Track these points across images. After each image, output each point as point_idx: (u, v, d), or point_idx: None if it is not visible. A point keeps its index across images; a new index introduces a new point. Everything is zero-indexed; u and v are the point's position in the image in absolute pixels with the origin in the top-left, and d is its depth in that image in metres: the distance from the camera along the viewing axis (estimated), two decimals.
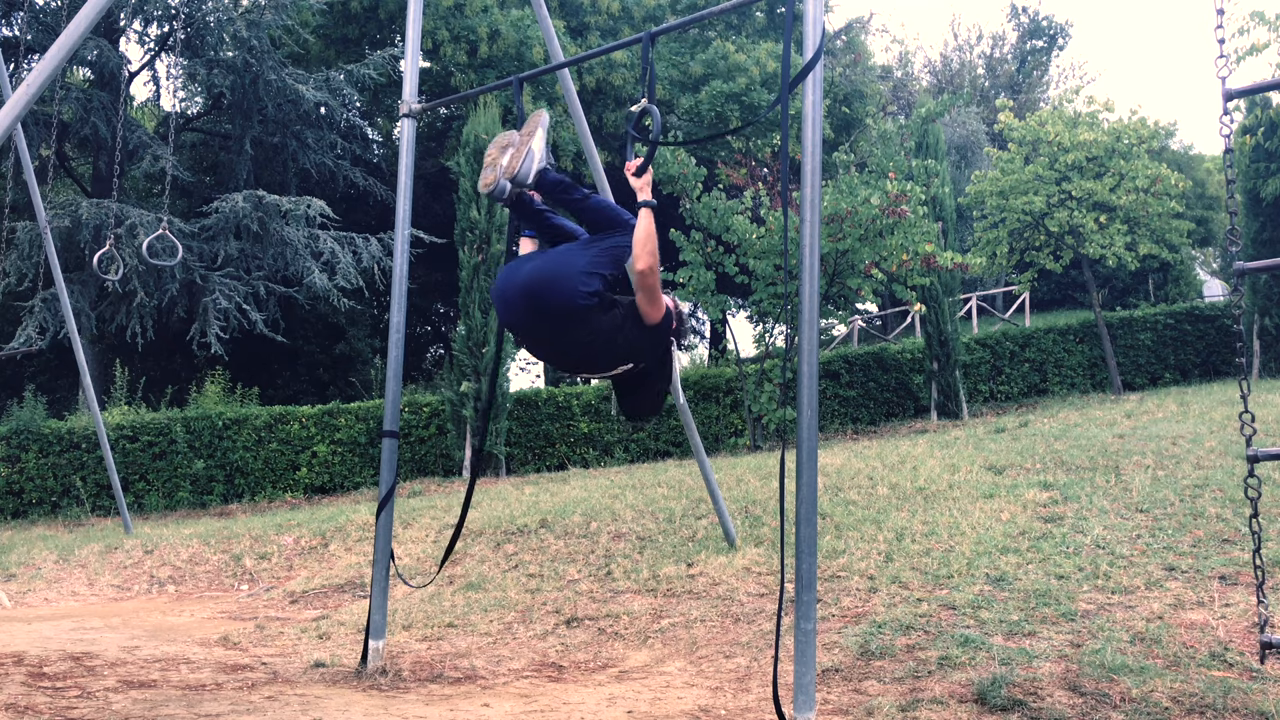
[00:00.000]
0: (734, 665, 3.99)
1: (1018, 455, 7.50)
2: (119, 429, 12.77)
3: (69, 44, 3.19)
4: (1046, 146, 14.52)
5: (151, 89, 30.89)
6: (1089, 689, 3.28)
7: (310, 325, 19.22)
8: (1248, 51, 13.13)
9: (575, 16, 19.45)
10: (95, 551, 8.13)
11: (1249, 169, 14.67)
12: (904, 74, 36.39)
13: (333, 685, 3.86)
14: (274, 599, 6.56)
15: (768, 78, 18.54)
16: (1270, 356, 14.31)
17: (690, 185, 12.08)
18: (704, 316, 25.16)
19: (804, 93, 3.01)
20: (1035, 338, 15.62)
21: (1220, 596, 4.07)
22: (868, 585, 4.70)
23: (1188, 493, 5.70)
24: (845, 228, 11.39)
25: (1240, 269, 2.82)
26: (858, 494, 6.84)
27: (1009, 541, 5.08)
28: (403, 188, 4.45)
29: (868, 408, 14.56)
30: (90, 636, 5.15)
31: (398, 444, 4.33)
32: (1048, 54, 40.02)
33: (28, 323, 14.53)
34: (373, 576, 4.19)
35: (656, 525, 6.73)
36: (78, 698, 3.53)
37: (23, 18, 15.07)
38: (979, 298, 25.13)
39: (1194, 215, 25.07)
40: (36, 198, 9.21)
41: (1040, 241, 15.20)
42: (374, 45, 20.00)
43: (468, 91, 5.97)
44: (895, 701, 3.26)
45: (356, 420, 13.61)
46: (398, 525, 7.73)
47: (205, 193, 18.00)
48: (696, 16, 3.84)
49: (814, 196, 2.96)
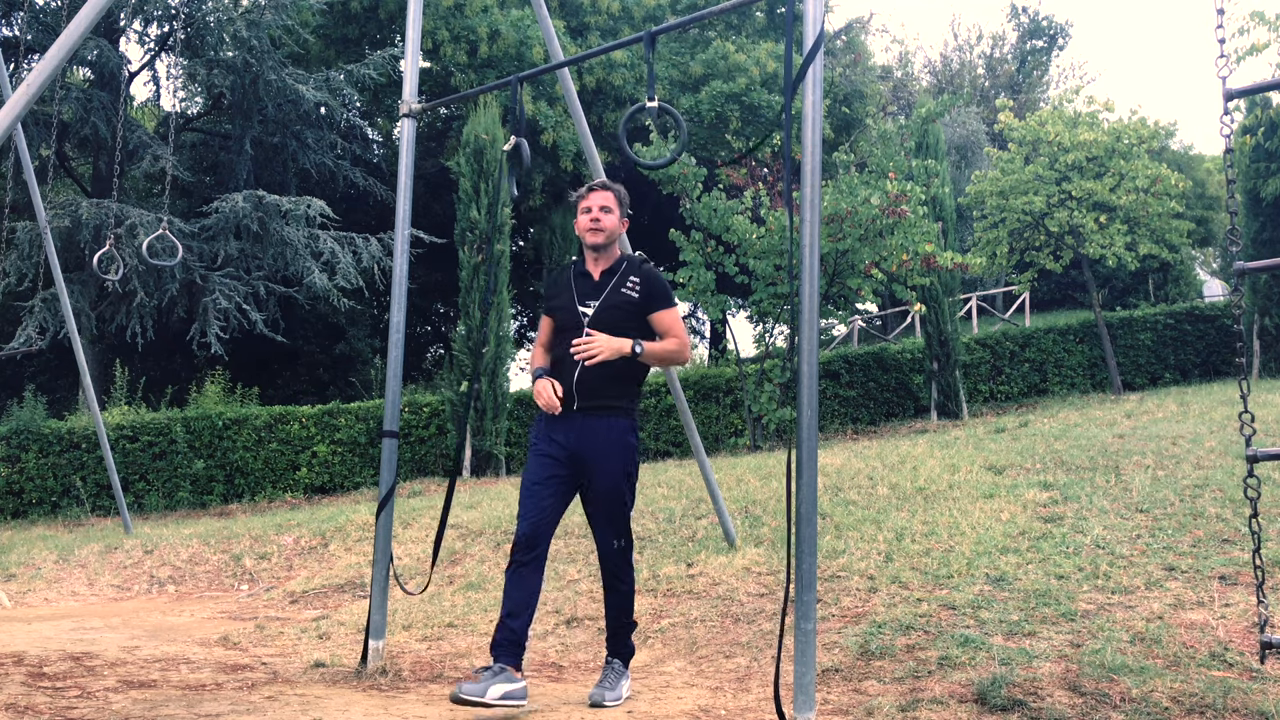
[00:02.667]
0: (734, 665, 4.00)
1: (1018, 455, 7.50)
2: (119, 429, 12.77)
3: (69, 44, 3.19)
4: (1046, 146, 14.53)
5: (151, 89, 30.95)
6: (1089, 689, 3.28)
7: (310, 325, 19.23)
8: (1248, 51, 13.14)
9: (575, 16, 19.44)
10: (95, 551, 8.13)
11: (1249, 169, 14.67)
12: (904, 74, 36.39)
13: (333, 685, 3.86)
14: (274, 599, 6.56)
15: (768, 78, 18.54)
16: (1270, 356, 14.31)
17: (690, 185, 12.08)
18: (704, 316, 25.16)
19: (804, 92, 3.01)
20: (1035, 338, 15.62)
21: (1220, 596, 4.07)
22: (868, 585, 4.70)
23: (1188, 493, 5.70)
24: (845, 228, 11.39)
25: (1240, 269, 2.82)
26: (858, 494, 6.84)
27: (1009, 541, 5.08)
28: (403, 188, 4.45)
29: (868, 408, 14.56)
30: (90, 636, 5.15)
31: (398, 444, 4.33)
32: (1048, 54, 40.02)
33: (28, 323, 14.53)
34: (373, 576, 4.19)
35: (656, 525, 6.74)
36: (78, 698, 3.53)
37: (23, 18, 15.08)
38: (979, 298, 25.13)
39: (1194, 215, 25.08)
40: (36, 198, 9.20)
41: (1040, 241, 15.21)
42: (374, 45, 20.00)
43: (468, 91, 5.97)
44: (895, 701, 3.26)
45: (356, 420, 13.62)
46: (398, 525, 7.74)
47: (205, 193, 18.00)
48: (696, 16, 3.84)
49: (814, 196, 2.95)
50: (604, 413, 3.47)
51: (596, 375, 3.44)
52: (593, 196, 3.62)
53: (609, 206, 3.60)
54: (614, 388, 3.48)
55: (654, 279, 3.59)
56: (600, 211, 3.58)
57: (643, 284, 3.55)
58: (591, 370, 3.43)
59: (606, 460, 3.47)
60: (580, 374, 3.45)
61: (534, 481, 3.48)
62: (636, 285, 3.55)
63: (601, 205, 3.59)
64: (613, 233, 3.60)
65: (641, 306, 3.54)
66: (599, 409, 3.47)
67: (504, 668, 3.24)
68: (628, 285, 3.55)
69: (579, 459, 3.48)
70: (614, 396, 3.49)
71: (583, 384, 3.45)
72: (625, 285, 3.55)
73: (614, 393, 3.49)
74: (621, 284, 3.55)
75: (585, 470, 3.49)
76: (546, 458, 3.50)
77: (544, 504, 3.46)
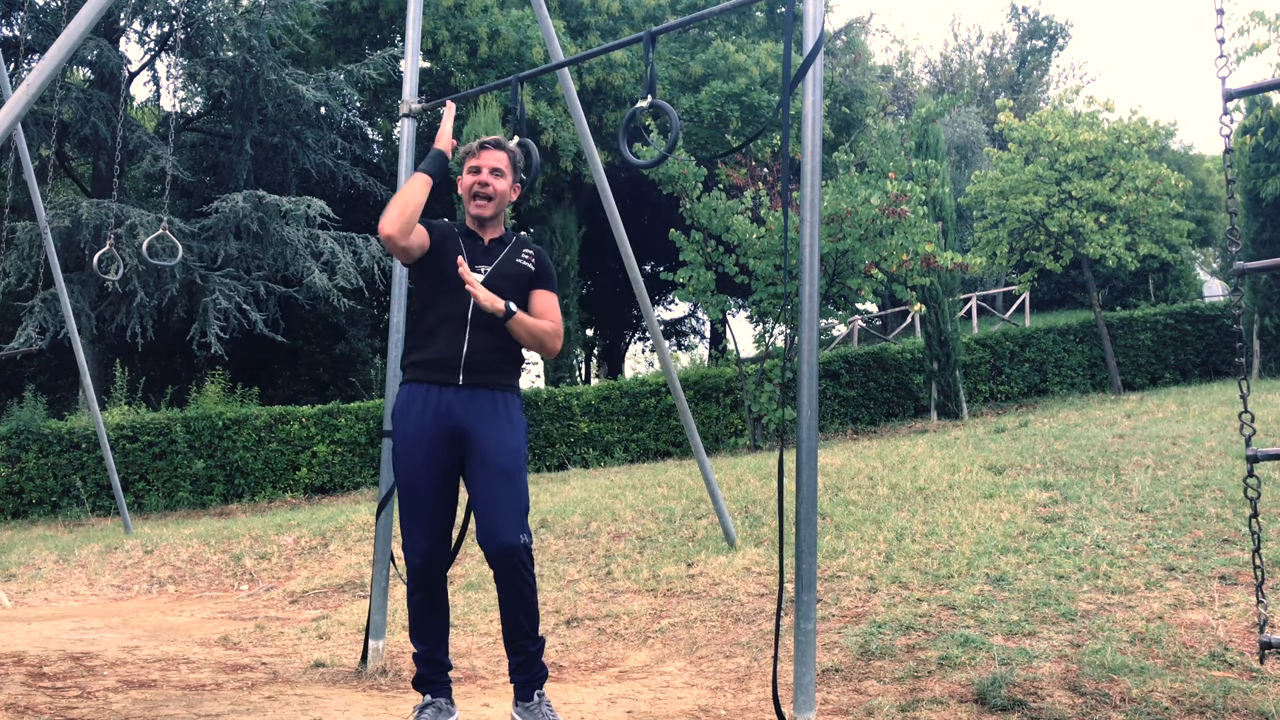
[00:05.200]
0: (734, 665, 3.99)
1: (1018, 455, 7.50)
2: (119, 429, 12.77)
3: (69, 44, 3.19)
4: (1046, 146, 14.52)
5: (151, 89, 30.95)
6: (1089, 689, 3.28)
7: (310, 325, 19.22)
8: (1248, 51, 13.14)
9: (575, 16, 19.45)
10: (95, 551, 8.13)
11: (1249, 169, 14.67)
12: (904, 74, 36.38)
13: (333, 685, 3.86)
14: (274, 599, 6.56)
15: (768, 78, 18.54)
16: (1270, 356, 14.31)
17: (690, 185, 12.08)
18: (704, 316, 25.15)
19: (804, 92, 3.01)
20: (1035, 338, 15.62)
21: (1220, 596, 4.07)
22: (868, 585, 4.70)
23: (1188, 493, 5.70)
24: (845, 228, 11.39)
25: (1240, 269, 2.82)
26: (858, 494, 6.84)
27: (1009, 541, 5.08)
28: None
29: (868, 408, 14.56)
30: (90, 636, 5.15)
31: None
32: (1048, 54, 40.02)
33: (28, 323, 14.53)
34: (373, 576, 4.19)
35: (656, 525, 6.74)
36: (78, 698, 3.53)
37: (23, 18, 15.08)
38: (979, 298, 25.14)
39: (1194, 215, 25.09)
40: (36, 198, 9.20)
41: (1040, 241, 15.20)
42: (374, 45, 20.00)
43: (468, 91, 5.96)
44: (895, 701, 3.26)
45: (356, 420, 13.61)
46: (397, 525, 7.73)
47: (205, 193, 17.99)
48: (696, 16, 3.84)
49: (814, 196, 2.95)
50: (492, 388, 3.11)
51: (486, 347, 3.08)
52: (484, 155, 3.17)
53: (500, 169, 3.18)
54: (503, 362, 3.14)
55: (546, 258, 3.27)
56: (490, 175, 3.17)
57: (537, 259, 3.22)
58: (487, 338, 3.07)
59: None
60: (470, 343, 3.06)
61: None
62: (531, 259, 3.21)
63: (493, 167, 3.17)
64: (502, 200, 3.19)
65: (531, 281, 3.19)
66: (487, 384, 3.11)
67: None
68: (523, 256, 3.20)
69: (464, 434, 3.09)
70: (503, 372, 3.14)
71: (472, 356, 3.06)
72: (520, 256, 3.20)
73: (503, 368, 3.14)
74: (516, 254, 3.20)
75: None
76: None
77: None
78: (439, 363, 3.03)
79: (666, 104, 3.50)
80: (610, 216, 5.43)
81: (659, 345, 5.89)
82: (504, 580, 2.94)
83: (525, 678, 3.02)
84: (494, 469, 2.95)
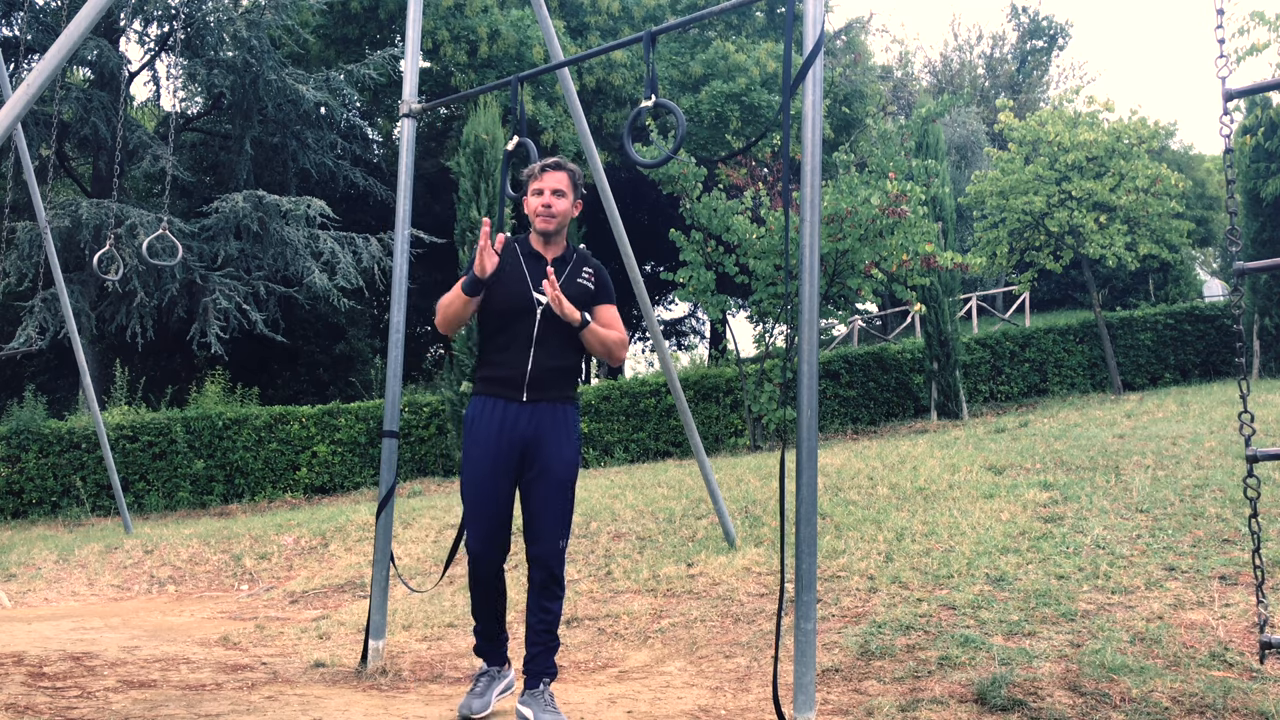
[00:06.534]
0: (734, 665, 3.99)
1: (1018, 455, 7.50)
2: (119, 429, 12.78)
3: (69, 44, 3.19)
4: (1046, 146, 14.53)
5: (151, 89, 30.98)
6: (1089, 689, 3.28)
7: (310, 325, 19.23)
8: (1248, 51, 13.14)
9: (575, 16, 19.45)
10: (95, 551, 8.13)
11: (1249, 169, 14.66)
12: (904, 74, 36.40)
13: (333, 685, 3.86)
14: (274, 599, 6.56)
15: (768, 78, 18.54)
16: (1270, 356, 14.31)
17: (690, 185, 12.08)
18: (704, 316, 25.16)
19: (804, 92, 3.00)
20: (1035, 338, 15.62)
21: (1220, 596, 4.07)
22: (868, 585, 4.70)
23: (1188, 493, 5.70)
24: (845, 228, 11.39)
25: (1240, 269, 2.82)
26: (858, 494, 6.84)
27: (1009, 541, 5.08)
28: (403, 188, 4.45)
29: (868, 408, 14.56)
30: (90, 636, 5.15)
31: (398, 444, 4.33)
32: (1048, 54, 40.06)
33: (28, 323, 14.53)
34: (373, 576, 4.18)
35: (656, 525, 6.74)
36: (78, 698, 3.53)
37: (23, 18, 15.09)
38: (979, 298, 25.15)
39: (1194, 215, 25.09)
40: (36, 198, 9.21)
41: (1040, 241, 15.20)
42: (374, 45, 20.01)
43: (468, 91, 5.97)
44: (895, 701, 3.26)
45: (356, 420, 13.62)
46: (398, 525, 7.74)
47: (205, 193, 18.00)
48: (696, 16, 3.84)
49: (814, 196, 2.95)
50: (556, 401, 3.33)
51: (552, 362, 3.30)
52: (546, 177, 3.37)
53: (562, 190, 3.36)
54: (565, 378, 3.35)
55: (604, 272, 3.45)
56: (553, 196, 3.35)
57: (596, 276, 3.40)
58: (548, 356, 3.29)
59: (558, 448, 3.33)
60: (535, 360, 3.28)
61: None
62: (591, 276, 3.39)
63: (554, 189, 3.35)
64: (565, 217, 3.37)
65: (594, 298, 3.38)
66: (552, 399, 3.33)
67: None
68: (584, 275, 3.38)
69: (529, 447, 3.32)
70: (565, 386, 3.35)
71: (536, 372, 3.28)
72: (581, 275, 3.38)
73: (564, 382, 3.35)
74: (577, 273, 3.38)
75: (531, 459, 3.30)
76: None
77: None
78: (506, 380, 3.30)
79: (671, 103, 3.53)
80: (610, 216, 5.43)
81: (659, 345, 5.89)
82: (538, 578, 3.26)
83: (538, 669, 3.27)
84: (552, 479, 3.25)
